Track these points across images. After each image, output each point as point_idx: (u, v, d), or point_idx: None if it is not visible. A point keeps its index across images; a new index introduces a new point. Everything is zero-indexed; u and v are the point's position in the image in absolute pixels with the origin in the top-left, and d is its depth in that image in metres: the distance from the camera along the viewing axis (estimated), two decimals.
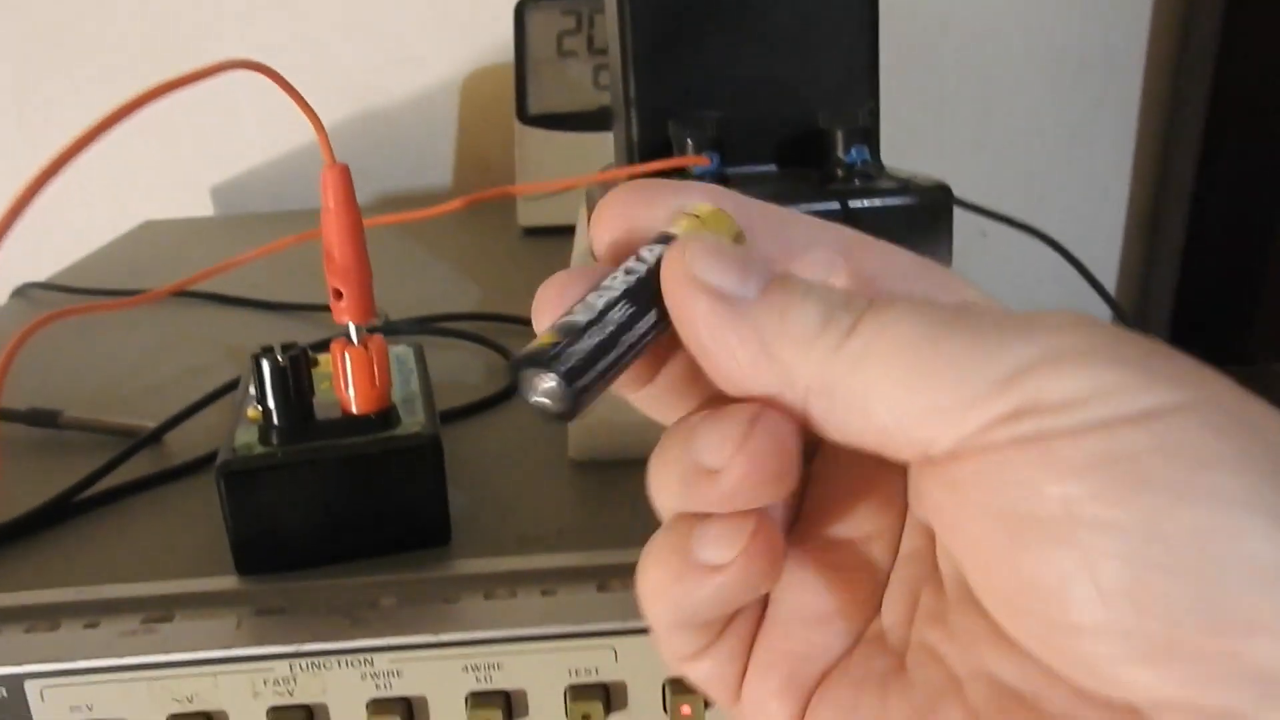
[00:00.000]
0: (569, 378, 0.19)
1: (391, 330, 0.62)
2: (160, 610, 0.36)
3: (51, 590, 0.38)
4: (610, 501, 0.43)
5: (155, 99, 0.26)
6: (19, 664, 0.34)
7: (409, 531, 0.39)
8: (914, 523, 0.22)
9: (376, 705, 0.34)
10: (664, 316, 0.20)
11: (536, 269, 0.82)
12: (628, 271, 0.20)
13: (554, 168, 0.90)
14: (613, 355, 0.19)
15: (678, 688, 0.34)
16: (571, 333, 0.19)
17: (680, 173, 0.45)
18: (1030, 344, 0.17)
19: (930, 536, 0.21)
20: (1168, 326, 1.17)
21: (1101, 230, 1.21)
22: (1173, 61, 1.15)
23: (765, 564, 0.20)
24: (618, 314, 0.19)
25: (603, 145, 0.89)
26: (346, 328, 0.37)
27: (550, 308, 0.20)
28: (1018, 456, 0.16)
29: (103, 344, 0.68)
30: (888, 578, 0.22)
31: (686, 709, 0.34)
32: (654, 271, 0.20)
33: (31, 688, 0.34)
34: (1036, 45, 1.14)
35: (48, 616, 0.36)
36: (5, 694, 0.34)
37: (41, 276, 0.85)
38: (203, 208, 1.16)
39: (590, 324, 0.19)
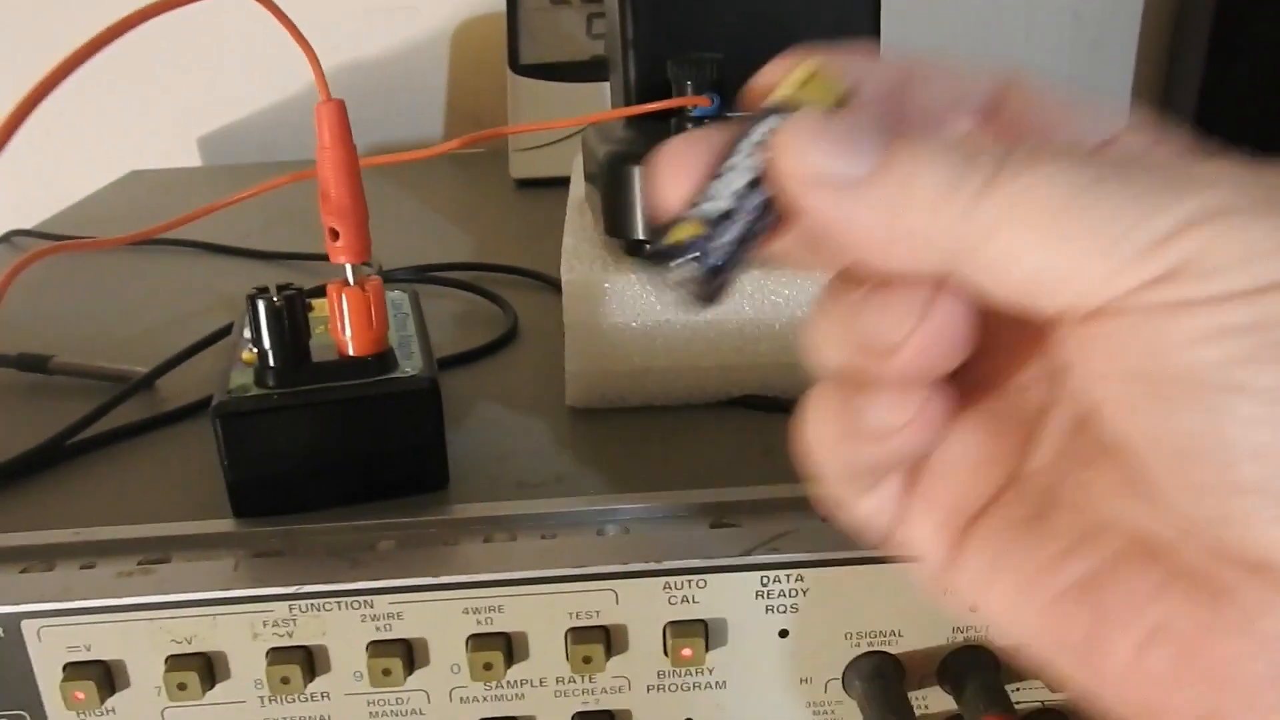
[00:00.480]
0: (714, 272, 0.19)
1: (386, 279, 0.61)
2: (157, 552, 0.36)
3: (46, 532, 0.37)
4: (608, 448, 0.43)
5: (145, 19, 0.25)
6: (15, 603, 0.33)
7: (407, 476, 0.39)
8: (1062, 370, 0.21)
9: (376, 647, 0.34)
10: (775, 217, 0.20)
11: (529, 221, 0.82)
12: (748, 149, 0.20)
13: (547, 118, 0.89)
14: (752, 242, 0.19)
15: (678, 630, 0.34)
16: (712, 223, 0.19)
17: (679, 114, 0.45)
18: (1180, 203, 0.16)
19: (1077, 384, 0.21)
20: None
21: None
22: (1172, 11, 1.14)
23: (933, 427, 0.20)
24: (751, 201, 0.19)
25: (596, 95, 0.89)
26: (343, 269, 0.37)
27: (674, 179, 0.20)
28: (1168, 320, 0.16)
29: (92, 290, 0.67)
30: (1037, 423, 0.22)
31: (687, 651, 0.34)
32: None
33: (29, 627, 0.33)
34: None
35: (43, 557, 0.36)
36: (2, 634, 0.34)
37: (28, 225, 0.84)
38: (189, 158, 1.14)
39: (728, 214, 0.19)
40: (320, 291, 0.40)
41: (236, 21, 1.07)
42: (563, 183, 0.72)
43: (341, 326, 0.37)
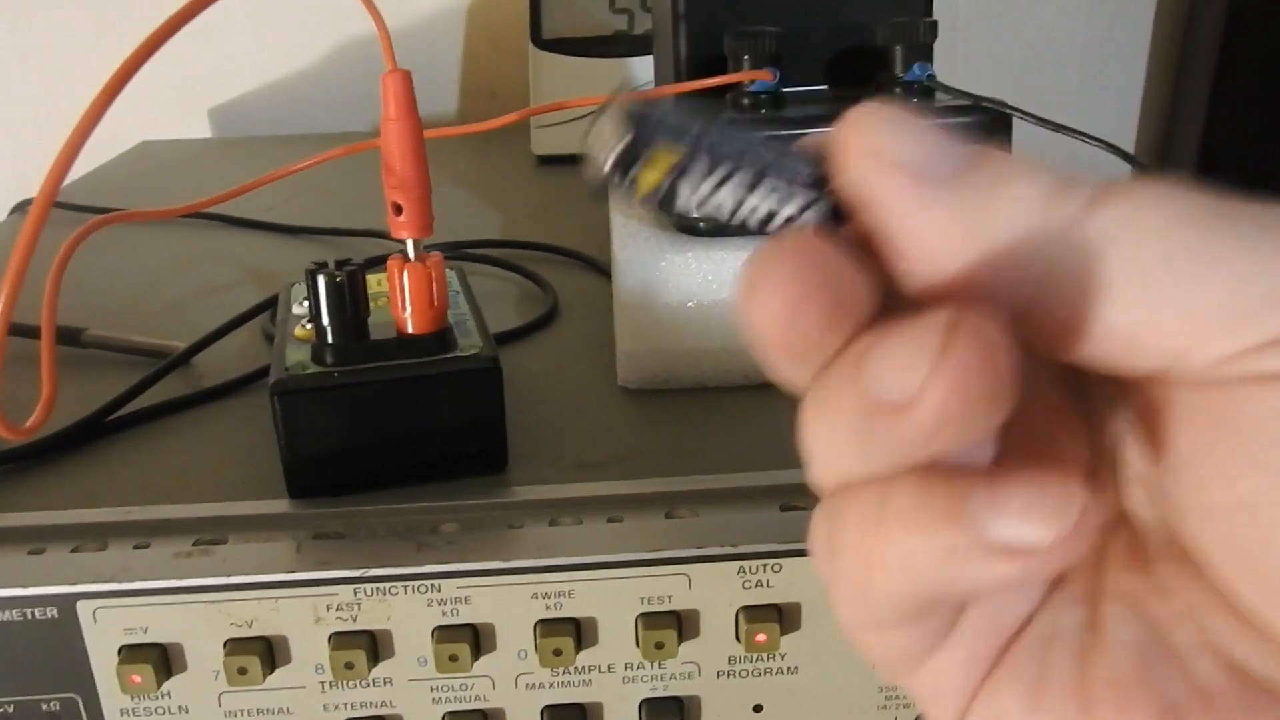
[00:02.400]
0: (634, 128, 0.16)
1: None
2: (213, 532, 0.35)
3: (96, 510, 0.36)
4: (666, 429, 0.42)
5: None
6: (71, 583, 0.32)
7: (467, 457, 0.38)
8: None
9: (443, 632, 0.33)
10: (825, 205, 0.17)
11: (552, 197, 0.81)
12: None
13: (569, 94, 0.87)
14: (767, 216, 0.16)
15: (752, 615, 0.33)
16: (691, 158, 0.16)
17: (735, 89, 0.44)
18: None
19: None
20: None
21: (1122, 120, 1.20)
22: None
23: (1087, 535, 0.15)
24: (786, 179, 0.16)
25: (619, 71, 0.87)
26: (404, 244, 0.36)
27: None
28: None
29: (119, 262, 0.66)
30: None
31: (762, 636, 0.33)
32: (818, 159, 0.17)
33: (84, 609, 0.33)
34: None
35: (95, 536, 0.35)
36: (56, 614, 0.33)
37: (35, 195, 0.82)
38: (200, 129, 1.12)
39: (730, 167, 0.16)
40: (374, 265, 0.39)
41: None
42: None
43: (402, 303, 0.36)
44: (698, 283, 0.43)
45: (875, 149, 0.15)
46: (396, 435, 0.36)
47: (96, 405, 0.43)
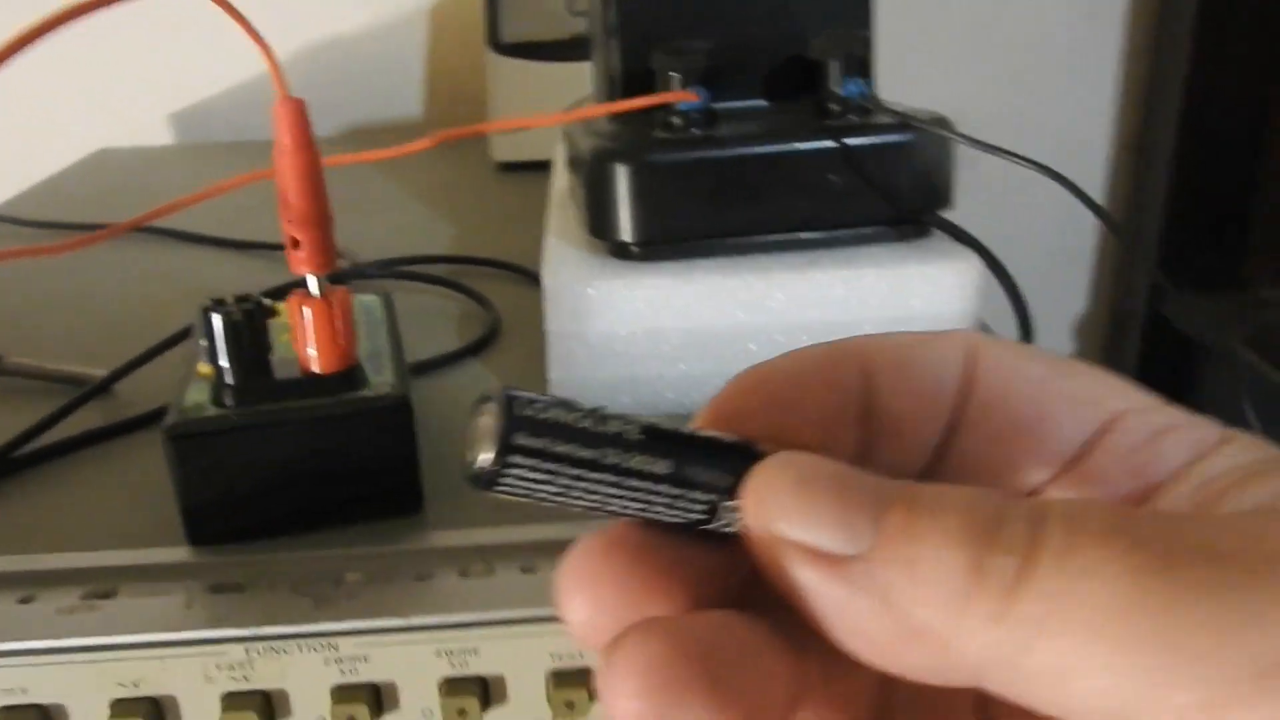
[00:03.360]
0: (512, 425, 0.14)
1: (357, 275, 0.58)
2: (104, 584, 0.33)
3: None
4: None
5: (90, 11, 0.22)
6: None
7: (377, 499, 0.36)
8: None
9: (341, 692, 0.31)
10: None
11: (512, 207, 0.79)
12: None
13: (528, 99, 0.86)
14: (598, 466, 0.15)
15: None
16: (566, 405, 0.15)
17: (666, 107, 0.42)
18: None
19: None
20: (1157, 250, 1.15)
21: (1091, 152, 1.19)
22: None
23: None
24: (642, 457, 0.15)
25: (579, 75, 0.85)
26: (305, 279, 0.34)
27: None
28: None
29: (49, 281, 0.64)
30: None
31: None
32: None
33: None
34: None
35: None
36: None
37: None
38: (161, 135, 1.10)
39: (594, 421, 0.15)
40: (287, 291, 0.37)
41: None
42: (547, 166, 0.69)
43: (305, 341, 0.34)
44: (628, 310, 0.41)
45: (768, 530, 0.15)
46: (302, 479, 0.35)
47: (5, 439, 0.41)
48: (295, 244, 0.33)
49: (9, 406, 0.46)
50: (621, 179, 0.41)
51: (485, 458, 0.15)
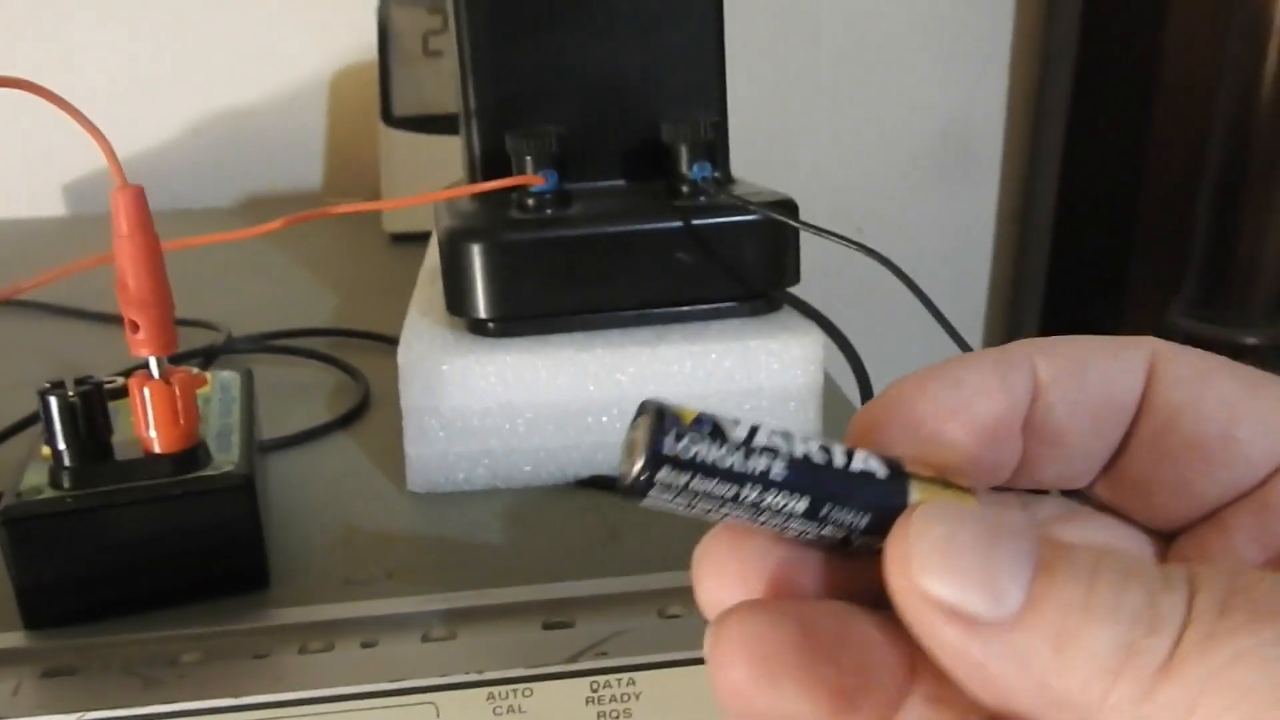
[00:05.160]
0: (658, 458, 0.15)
1: (230, 350, 0.58)
2: None
3: None
4: (447, 537, 0.41)
5: None
6: None
7: (222, 577, 0.36)
8: None
9: None
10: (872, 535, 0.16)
11: (398, 278, 0.80)
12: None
13: (420, 171, 0.87)
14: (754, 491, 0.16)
15: None
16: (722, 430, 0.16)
17: (520, 190, 0.43)
18: None
19: None
20: (1039, 316, 1.20)
21: (976, 219, 1.24)
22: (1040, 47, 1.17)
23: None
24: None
25: None
26: (146, 361, 0.34)
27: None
28: None
29: None
30: None
31: None
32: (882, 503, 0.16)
33: None
34: (915, 28, 1.15)
35: None
36: None
37: None
38: (53, 207, 1.09)
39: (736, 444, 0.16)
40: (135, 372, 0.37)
41: (98, 61, 1.03)
42: None
43: (145, 424, 0.34)
44: (483, 385, 0.42)
45: (915, 589, 0.14)
46: (143, 559, 0.35)
47: None
48: (135, 327, 0.34)
49: None
50: (475, 257, 0.42)
51: (635, 469, 0.16)
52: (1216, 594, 0.13)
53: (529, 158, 0.43)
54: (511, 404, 0.42)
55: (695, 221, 0.42)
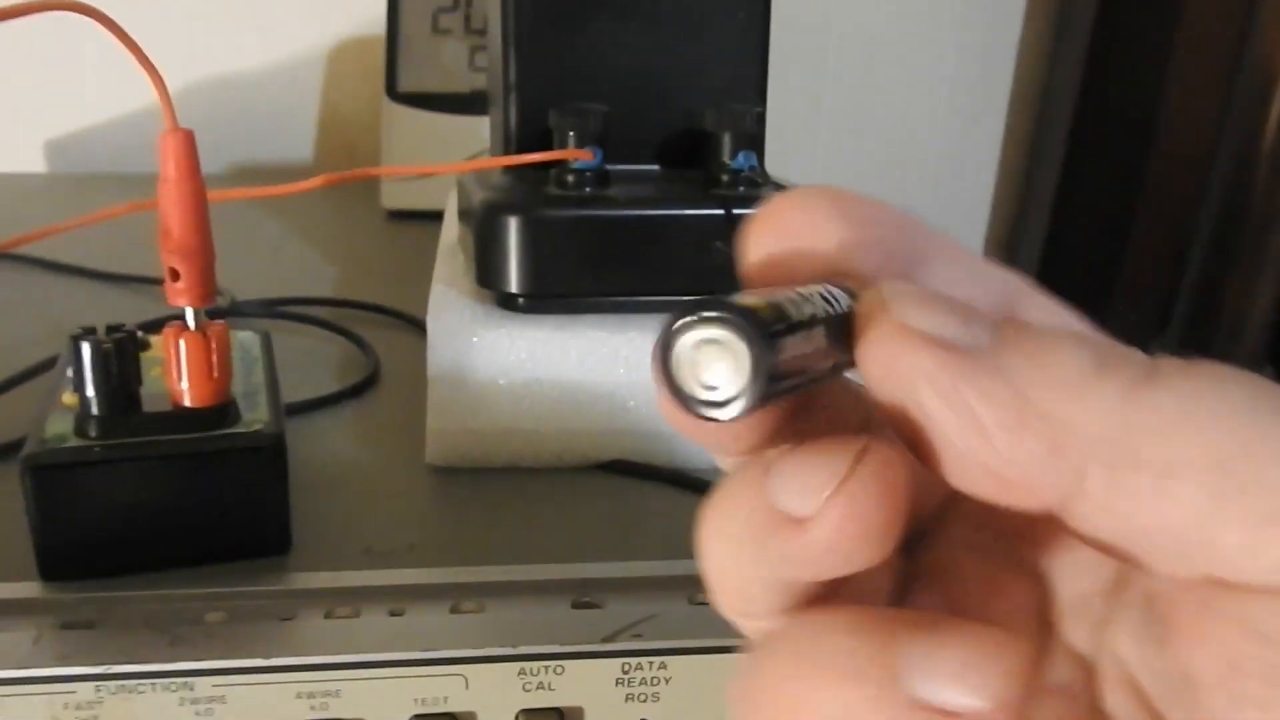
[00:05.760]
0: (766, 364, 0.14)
1: (236, 313, 0.57)
2: None
3: None
4: (468, 513, 0.40)
5: None
6: None
7: (244, 539, 0.35)
8: (1064, 656, 0.17)
9: None
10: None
11: (399, 255, 0.79)
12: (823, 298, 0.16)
13: (422, 149, 0.86)
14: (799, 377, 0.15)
15: (533, 718, 0.32)
16: (787, 314, 0.14)
17: (560, 165, 0.43)
18: None
19: (1088, 675, 0.16)
20: None
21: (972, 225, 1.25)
22: (1044, 64, 1.18)
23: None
24: (819, 334, 0.15)
25: (475, 129, 0.86)
26: (182, 311, 0.34)
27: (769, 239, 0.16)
28: None
29: None
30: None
31: None
32: (844, 315, 0.15)
33: None
34: (915, 46, 1.16)
35: None
36: None
37: None
38: (34, 163, 1.07)
39: (802, 323, 0.15)
40: (159, 325, 0.36)
41: (91, 23, 1.01)
42: (437, 216, 0.70)
43: (178, 375, 0.34)
44: (511, 360, 0.42)
45: (900, 319, 0.14)
46: (167, 515, 0.34)
47: None
48: (175, 276, 0.33)
49: None
50: (512, 231, 0.41)
51: (738, 402, 0.14)
52: (1175, 360, 0.14)
53: (572, 134, 0.42)
54: (539, 381, 0.42)
55: (738, 210, 0.42)
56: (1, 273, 0.67)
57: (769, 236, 0.16)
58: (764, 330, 0.14)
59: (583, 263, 0.42)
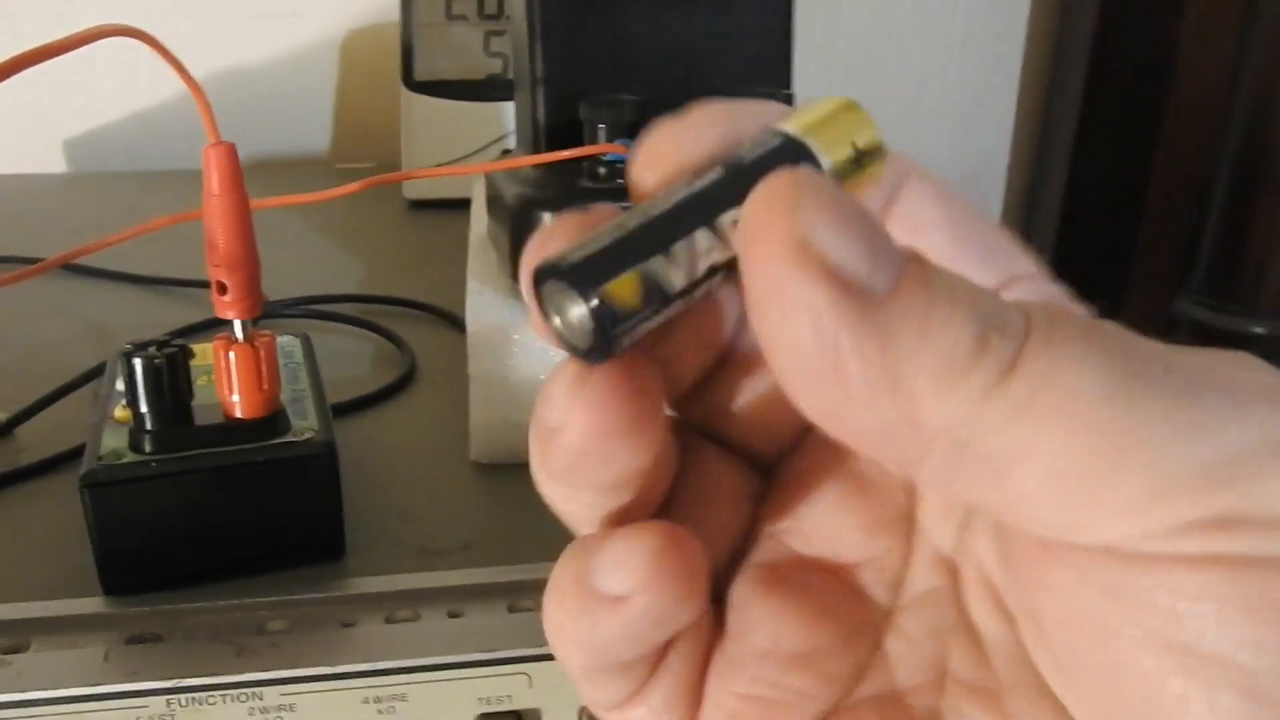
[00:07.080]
0: (585, 290, 0.14)
1: (270, 314, 0.57)
2: (15, 637, 0.32)
3: None
4: (518, 509, 0.40)
5: (25, 67, 0.22)
6: None
7: (299, 545, 0.36)
8: (930, 558, 0.18)
9: None
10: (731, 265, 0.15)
11: (422, 246, 0.79)
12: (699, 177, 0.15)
13: (441, 137, 0.86)
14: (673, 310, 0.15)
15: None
16: (655, 298, 0.15)
17: (592, 160, 0.43)
18: (1247, 425, 0.13)
19: (952, 577, 0.18)
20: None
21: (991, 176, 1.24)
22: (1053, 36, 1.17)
23: (680, 589, 0.16)
24: (707, 261, 0.15)
25: (493, 115, 0.86)
26: (230, 323, 0.34)
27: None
28: (1207, 578, 0.13)
29: None
30: (888, 618, 0.18)
31: None
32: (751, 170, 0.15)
33: None
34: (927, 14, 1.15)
35: None
36: None
37: None
38: (54, 164, 1.07)
39: (679, 291, 0.15)
40: (201, 329, 0.37)
41: (102, 18, 1.00)
42: (459, 205, 0.69)
43: (229, 388, 0.34)
44: (552, 356, 0.42)
45: (796, 237, 0.13)
46: (223, 527, 0.34)
47: None
48: (222, 289, 0.33)
49: None
50: (546, 224, 0.41)
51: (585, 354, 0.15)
52: (1045, 313, 0.14)
53: (603, 126, 0.42)
54: None
55: None
56: (34, 280, 0.67)
57: (648, 171, 0.17)
58: (608, 310, 0.15)
59: None
